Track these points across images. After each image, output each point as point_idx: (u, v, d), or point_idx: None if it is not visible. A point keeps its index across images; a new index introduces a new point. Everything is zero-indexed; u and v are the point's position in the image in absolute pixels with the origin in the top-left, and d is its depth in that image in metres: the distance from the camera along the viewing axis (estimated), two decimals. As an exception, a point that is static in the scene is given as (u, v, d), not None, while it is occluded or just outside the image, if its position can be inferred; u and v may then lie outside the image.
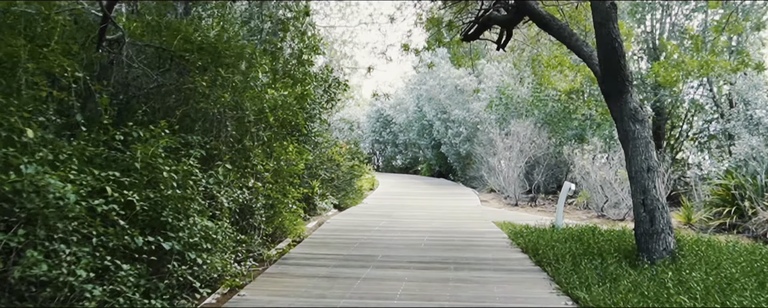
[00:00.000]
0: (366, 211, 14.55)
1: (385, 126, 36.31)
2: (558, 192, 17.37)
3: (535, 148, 16.86)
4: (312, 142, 13.97)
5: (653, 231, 6.92)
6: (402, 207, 15.36)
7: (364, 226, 11.60)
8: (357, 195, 17.18)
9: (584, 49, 7.52)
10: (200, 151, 6.51)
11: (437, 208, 15.27)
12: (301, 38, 9.94)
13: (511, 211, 15.02)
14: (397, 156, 36.42)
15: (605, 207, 13.35)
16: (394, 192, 20.42)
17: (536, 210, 15.21)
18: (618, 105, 7.13)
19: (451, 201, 17.59)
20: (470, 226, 11.76)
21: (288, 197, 9.86)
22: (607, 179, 13.03)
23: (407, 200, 17.69)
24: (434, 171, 31.27)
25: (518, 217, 13.40)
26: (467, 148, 23.26)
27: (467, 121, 22.75)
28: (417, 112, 29.97)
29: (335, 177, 15.58)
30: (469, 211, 14.78)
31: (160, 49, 7.68)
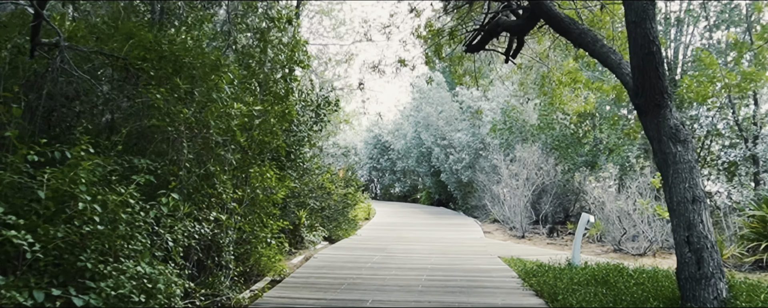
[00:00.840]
0: (359, 244, 13.24)
1: (382, 152, 35.13)
2: (567, 224, 16.08)
3: (543, 175, 15.63)
4: (300, 168, 12.75)
5: (701, 276, 5.64)
6: (398, 240, 14.05)
7: (356, 262, 10.31)
8: (350, 225, 15.89)
9: (611, 57, 6.35)
10: (146, 177, 5.27)
11: (437, 241, 13.96)
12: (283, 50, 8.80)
13: (517, 245, 13.71)
14: (395, 184, 35.16)
15: (622, 240, 12.06)
16: (391, 223, 19.11)
17: (545, 243, 13.90)
18: (655, 122, 5.92)
19: (452, 232, 16.28)
20: (474, 262, 10.46)
21: (266, 230, 8.60)
22: (625, 210, 11.76)
23: (404, 231, 16.38)
24: (434, 199, 29.98)
25: (527, 252, 12.09)
26: (469, 175, 22.03)
27: (469, 146, 21.55)
28: (415, 139, 28.82)
29: (326, 207, 14.32)
30: (471, 244, 13.47)
31: (111, 57, 6.51)
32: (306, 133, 12.70)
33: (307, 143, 13.02)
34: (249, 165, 8.15)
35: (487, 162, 19.79)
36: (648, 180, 12.07)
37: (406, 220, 20.35)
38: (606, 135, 13.98)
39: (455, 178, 23.87)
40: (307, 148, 13.32)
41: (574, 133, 17.47)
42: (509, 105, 18.74)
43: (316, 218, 13.25)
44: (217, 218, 6.60)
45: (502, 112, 19.02)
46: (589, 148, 15.74)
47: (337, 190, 15.74)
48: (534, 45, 11.35)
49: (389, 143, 33.20)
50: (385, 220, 20.07)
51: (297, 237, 11.91)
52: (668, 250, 11.92)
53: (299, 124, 12.34)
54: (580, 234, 8.96)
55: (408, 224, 18.74)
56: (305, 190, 13.04)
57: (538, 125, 17.73)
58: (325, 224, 14.18)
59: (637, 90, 5.95)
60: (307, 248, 12.04)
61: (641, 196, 11.89)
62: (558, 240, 14.58)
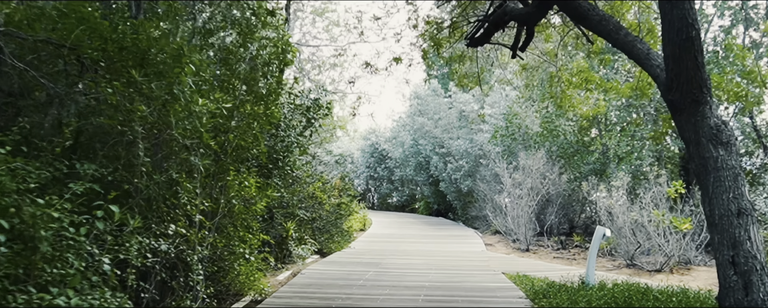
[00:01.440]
0: (352, 257, 12.32)
1: (380, 161, 34.23)
2: (574, 236, 15.17)
3: (549, 184, 14.74)
4: (288, 177, 11.86)
5: (750, 304, 4.74)
6: (395, 253, 13.13)
7: (346, 279, 9.40)
8: (344, 237, 14.96)
9: (638, 46, 5.48)
10: (86, 185, 4.38)
11: (435, 254, 13.05)
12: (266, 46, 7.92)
13: (522, 258, 12.79)
14: (393, 194, 34.22)
15: (636, 254, 11.16)
16: (388, 234, 18.18)
17: (552, 257, 12.98)
18: (692, 122, 5.04)
19: (452, 245, 15.36)
20: (476, 279, 9.54)
21: (244, 245, 7.70)
22: (640, 221, 10.87)
23: (401, 243, 15.45)
24: (432, 209, 29.05)
25: (533, 267, 11.18)
26: (469, 185, 21.13)
27: (468, 153, 20.67)
28: (413, 147, 27.93)
29: (317, 218, 13.40)
30: (472, 258, 12.55)
31: (61, 47, 5.63)
32: (295, 138, 11.84)
33: (296, 149, 12.16)
34: (225, 172, 7.26)
35: (487, 170, 18.89)
36: (663, 190, 11.19)
37: (403, 231, 19.43)
38: (615, 141, 13.11)
39: (454, 188, 22.97)
40: (298, 155, 12.45)
41: (579, 141, 16.60)
42: (511, 111, 17.89)
43: (305, 230, 12.33)
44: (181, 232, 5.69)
45: (505, 117, 18.15)
46: (597, 155, 14.86)
47: (330, 200, 14.83)
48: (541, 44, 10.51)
49: (386, 151, 32.31)
50: (381, 231, 19.15)
51: (284, 251, 11.00)
52: (685, 266, 11.02)
53: (287, 128, 11.47)
54: (595, 249, 8.06)
55: (405, 235, 17.82)
56: (294, 200, 12.14)
57: (541, 132, 16.86)
58: (316, 236, 13.27)
59: (671, 84, 5.07)
60: (296, 263, 11.11)
61: (656, 207, 11.00)
62: (565, 253, 13.66)
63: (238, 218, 7.57)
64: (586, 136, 16.94)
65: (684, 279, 9.94)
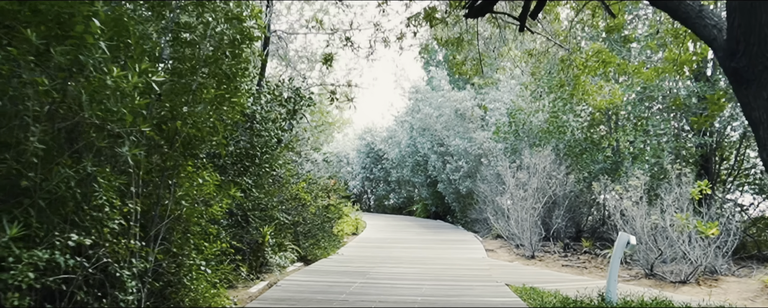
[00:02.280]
0: (339, 266, 11.07)
1: (375, 161, 32.97)
2: (583, 241, 13.91)
3: (556, 185, 13.48)
4: (267, 175, 10.63)
5: None
6: (386, 261, 11.87)
7: (328, 292, 8.16)
8: (332, 243, 13.72)
9: (686, 1, 4.24)
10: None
11: (431, 262, 11.79)
12: (227, 16, 6.68)
13: (527, 267, 11.53)
14: (390, 195, 32.95)
15: (656, 263, 9.91)
16: (381, 239, 16.92)
17: (560, 266, 11.72)
18: (764, 96, 3.80)
19: (450, 251, 14.11)
20: (476, 293, 8.28)
21: (199, 255, 6.45)
22: (661, 226, 9.61)
23: (395, 249, 14.19)
24: (430, 212, 27.80)
25: (540, 277, 9.94)
26: (468, 186, 19.87)
27: (468, 152, 19.41)
28: (410, 146, 26.68)
29: (301, 222, 12.15)
30: (472, 266, 11.30)
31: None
32: (275, 133, 10.60)
33: (277, 146, 10.93)
34: (175, 167, 6.02)
35: (489, 170, 17.64)
36: (685, 191, 9.95)
37: (398, 236, 18.16)
38: (631, 137, 11.84)
39: (453, 189, 21.72)
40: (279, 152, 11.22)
41: (588, 138, 15.35)
42: (515, 105, 16.64)
43: (286, 235, 11.07)
44: (94, 241, 4.44)
45: (508, 113, 16.90)
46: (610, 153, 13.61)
47: (317, 202, 13.58)
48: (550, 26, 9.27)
49: (383, 152, 31.04)
50: (374, 236, 17.88)
51: (259, 259, 9.74)
52: (711, 275, 9.76)
53: (264, 121, 10.23)
54: (617, 260, 6.81)
55: (399, 240, 16.56)
56: (274, 202, 10.89)
57: (546, 129, 15.61)
58: (299, 242, 12.02)
59: (736, 47, 3.83)
60: (272, 272, 9.86)
61: (680, 211, 9.75)
62: (573, 260, 12.41)
63: (191, 222, 6.32)
64: (595, 133, 15.70)
65: (714, 292, 8.69)
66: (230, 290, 8.55)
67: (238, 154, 10.07)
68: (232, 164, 10.01)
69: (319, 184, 13.92)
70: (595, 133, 15.56)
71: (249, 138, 10.29)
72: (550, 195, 13.27)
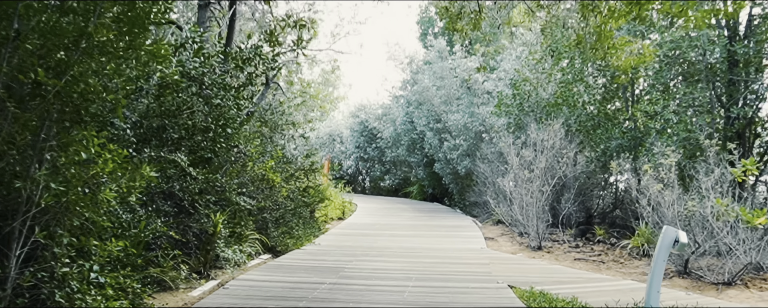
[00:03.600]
0: (311, 259, 9.36)
1: (370, 141, 31.16)
2: (596, 229, 12.16)
3: (566, 164, 11.68)
4: (223, 152, 8.86)
5: None
6: (369, 252, 10.15)
7: (285, 298, 6.46)
8: (310, 230, 12.00)
9: None
10: None
11: (421, 254, 10.07)
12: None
13: (533, 260, 9.80)
14: (385, 177, 31.19)
15: (691, 259, 8.17)
16: (369, 225, 15.19)
17: (572, 258, 9.99)
18: None
19: (444, 239, 12.38)
20: (472, 301, 6.55)
21: (91, 259, 4.72)
22: (700, 213, 7.85)
23: (382, 237, 12.47)
24: (427, 194, 26.08)
25: (551, 275, 8.21)
26: (467, 166, 18.10)
27: (468, 129, 17.58)
28: (406, 124, 24.86)
29: (270, 207, 10.40)
30: (469, 260, 9.57)
31: None
32: (233, 101, 8.83)
33: (238, 117, 9.18)
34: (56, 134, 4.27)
35: (490, 148, 15.86)
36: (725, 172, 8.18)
37: (389, 221, 16.43)
38: (659, 106, 9.99)
39: (451, 169, 19.95)
40: (241, 124, 9.45)
41: (601, 111, 13.55)
42: (520, 74, 14.80)
43: (247, 223, 9.32)
44: None
45: (511, 83, 15.06)
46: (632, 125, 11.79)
47: (292, 184, 11.83)
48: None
49: (377, 130, 29.20)
50: (362, 221, 16.15)
51: (210, 253, 8.00)
52: (758, 274, 8.03)
53: (214, 86, 8.43)
54: (662, 264, 5.03)
55: (389, 226, 14.82)
56: (233, 184, 9.14)
57: (555, 101, 13.79)
58: (268, 230, 10.29)
59: None
60: (223, 270, 8.13)
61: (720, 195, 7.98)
62: (587, 251, 10.68)
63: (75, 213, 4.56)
64: (610, 105, 13.90)
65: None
66: (165, 294, 6.84)
67: (186, 127, 8.32)
68: (181, 139, 8.28)
69: (294, 164, 12.14)
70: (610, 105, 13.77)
71: (202, 107, 8.53)
72: (560, 176, 11.47)
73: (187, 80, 8.03)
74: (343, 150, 33.47)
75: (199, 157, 8.70)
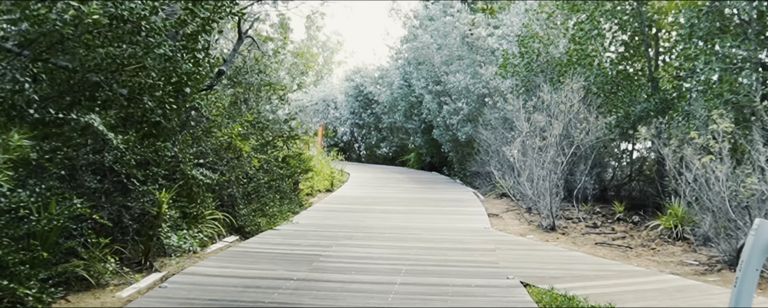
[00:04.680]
0: (282, 243, 7.87)
1: (365, 106, 29.47)
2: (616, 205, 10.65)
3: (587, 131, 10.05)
4: (174, 115, 7.30)
5: None
6: (354, 233, 8.65)
7: (238, 301, 4.98)
8: (288, 206, 10.48)
9: None
10: None
11: (415, 236, 8.56)
12: None
13: (547, 245, 8.31)
14: (381, 144, 29.60)
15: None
16: (358, 197, 13.69)
17: (592, 242, 8.50)
18: None
19: (443, 216, 10.89)
20: (478, 303, 5.06)
21: None
22: (761, 192, 6.30)
23: (371, 213, 10.97)
24: (425, 162, 24.55)
25: (570, 266, 6.71)
26: (468, 132, 16.51)
27: (470, 91, 15.92)
28: (403, 87, 23.17)
29: (232, 180, 8.84)
30: (471, 244, 8.07)
31: None
32: (179, 49, 7.21)
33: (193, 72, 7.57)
34: None
35: (494, 113, 14.25)
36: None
37: (382, 193, 14.92)
38: (700, 63, 8.35)
39: (450, 136, 18.36)
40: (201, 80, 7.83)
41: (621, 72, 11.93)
42: (528, 30, 13.09)
43: (204, 200, 7.78)
44: None
45: (518, 40, 13.36)
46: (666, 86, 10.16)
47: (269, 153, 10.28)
48: None
49: (373, 95, 27.49)
50: (352, 193, 14.64)
51: (152, 240, 6.47)
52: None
53: (156, 32, 6.78)
54: (756, 268, 3.48)
55: (381, 199, 13.32)
56: (188, 154, 7.58)
57: (568, 60, 12.12)
58: (236, 209, 8.78)
59: None
60: (170, 260, 6.63)
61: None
62: (607, 231, 9.20)
63: None
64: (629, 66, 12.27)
65: None
66: (86, 295, 5.36)
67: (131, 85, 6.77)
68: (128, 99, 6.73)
69: (271, 130, 10.54)
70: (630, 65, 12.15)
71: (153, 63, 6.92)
72: (578, 144, 9.87)
73: (118, 22, 6.39)
74: (338, 116, 31.82)
75: (144, 121, 7.14)
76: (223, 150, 8.64)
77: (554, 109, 9.92)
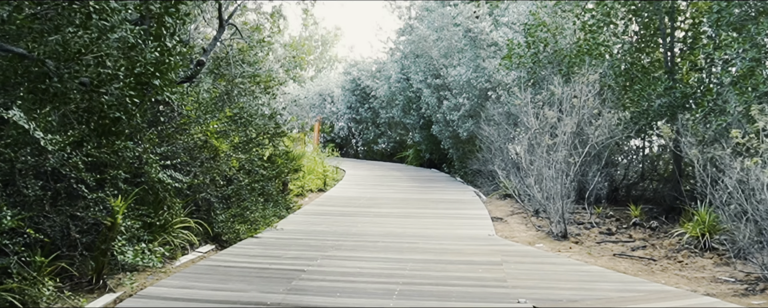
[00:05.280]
0: (260, 256, 6.98)
1: (362, 100, 28.52)
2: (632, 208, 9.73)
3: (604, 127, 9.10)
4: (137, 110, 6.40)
5: None
6: (343, 243, 7.75)
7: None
8: (273, 210, 9.58)
9: None
10: None
11: (412, 245, 7.65)
12: None
13: (560, 256, 7.40)
14: (378, 140, 28.66)
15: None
16: (353, 198, 12.77)
17: (610, 253, 7.59)
18: None
19: (442, 221, 10.00)
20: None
21: None
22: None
23: (364, 218, 10.06)
24: (424, 159, 23.63)
25: (591, 285, 5.79)
26: (470, 128, 15.59)
27: (472, 85, 14.98)
28: (401, 81, 22.22)
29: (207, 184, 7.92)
30: (475, 256, 7.16)
31: None
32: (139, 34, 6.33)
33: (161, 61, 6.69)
34: None
35: (497, 107, 13.33)
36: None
37: (378, 193, 14.00)
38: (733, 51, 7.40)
39: (450, 132, 17.43)
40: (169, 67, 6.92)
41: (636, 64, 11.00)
42: (535, 18, 12.15)
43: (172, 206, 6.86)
44: None
45: (524, 30, 12.42)
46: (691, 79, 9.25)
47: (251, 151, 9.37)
48: None
49: (370, 88, 26.53)
50: (345, 193, 13.73)
51: (104, 257, 5.56)
52: None
53: (107, 12, 5.86)
54: None
55: (377, 201, 12.40)
56: (153, 155, 6.68)
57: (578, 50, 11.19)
58: (212, 215, 7.87)
59: None
60: (122, 280, 5.71)
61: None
62: (623, 238, 8.30)
63: None
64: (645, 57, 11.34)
65: None
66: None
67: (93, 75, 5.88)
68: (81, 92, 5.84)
69: (255, 126, 9.61)
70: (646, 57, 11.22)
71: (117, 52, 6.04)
72: (593, 143, 8.93)
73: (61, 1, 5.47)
74: (334, 110, 30.87)
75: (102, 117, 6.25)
76: (198, 149, 7.72)
77: (566, 103, 8.98)
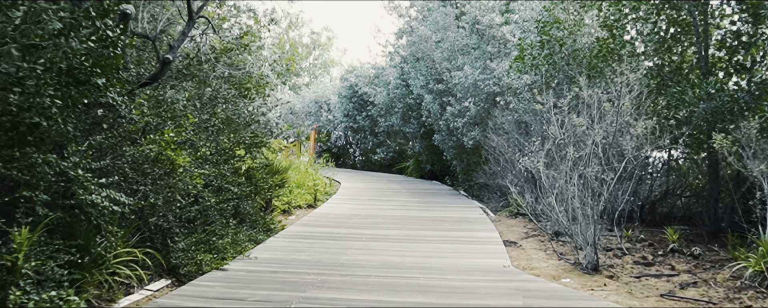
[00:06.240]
0: (222, 297, 5.57)
1: (360, 108, 27.18)
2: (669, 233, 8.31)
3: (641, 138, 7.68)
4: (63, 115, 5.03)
5: None
6: (326, 280, 6.33)
7: None
8: (247, 234, 8.17)
9: None
10: None
11: (410, 278, 6.22)
12: None
13: (595, 298, 5.97)
14: (377, 149, 27.30)
15: None
16: (344, 217, 11.33)
17: (656, 293, 6.16)
18: None
19: (447, 246, 8.58)
20: None
21: None
22: None
23: (356, 242, 8.64)
24: (424, 170, 22.25)
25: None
26: (476, 137, 14.19)
27: (479, 89, 13.58)
28: (400, 87, 20.88)
29: (160, 206, 6.50)
30: (488, 297, 5.74)
31: None
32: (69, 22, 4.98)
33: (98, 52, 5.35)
34: None
35: (507, 115, 11.95)
36: None
37: (374, 209, 12.58)
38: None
39: (454, 142, 16.04)
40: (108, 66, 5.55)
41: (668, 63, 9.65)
42: (550, 14, 10.80)
43: (115, 235, 5.45)
44: None
45: (538, 28, 11.06)
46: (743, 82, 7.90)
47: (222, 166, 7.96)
48: None
49: (368, 95, 25.19)
50: (337, 210, 12.31)
51: (5, 305, 4.16)
52: None
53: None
54: None
55: (372, 219, 10.99)
56: (82, 174, 5.27)
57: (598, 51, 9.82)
58: (170, 242, 6.46)
59: None
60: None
61: None
62: (665, 271, 6.89)
63: None
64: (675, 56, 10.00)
65: None
66: None
67: None
68: None
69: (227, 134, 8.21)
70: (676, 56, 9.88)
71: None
72: (630, 157, 7.49)
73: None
74: (331, 118, 29.53)
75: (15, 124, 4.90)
76: (150, 163, 6.32)
77: (594, 109, 7.56)
